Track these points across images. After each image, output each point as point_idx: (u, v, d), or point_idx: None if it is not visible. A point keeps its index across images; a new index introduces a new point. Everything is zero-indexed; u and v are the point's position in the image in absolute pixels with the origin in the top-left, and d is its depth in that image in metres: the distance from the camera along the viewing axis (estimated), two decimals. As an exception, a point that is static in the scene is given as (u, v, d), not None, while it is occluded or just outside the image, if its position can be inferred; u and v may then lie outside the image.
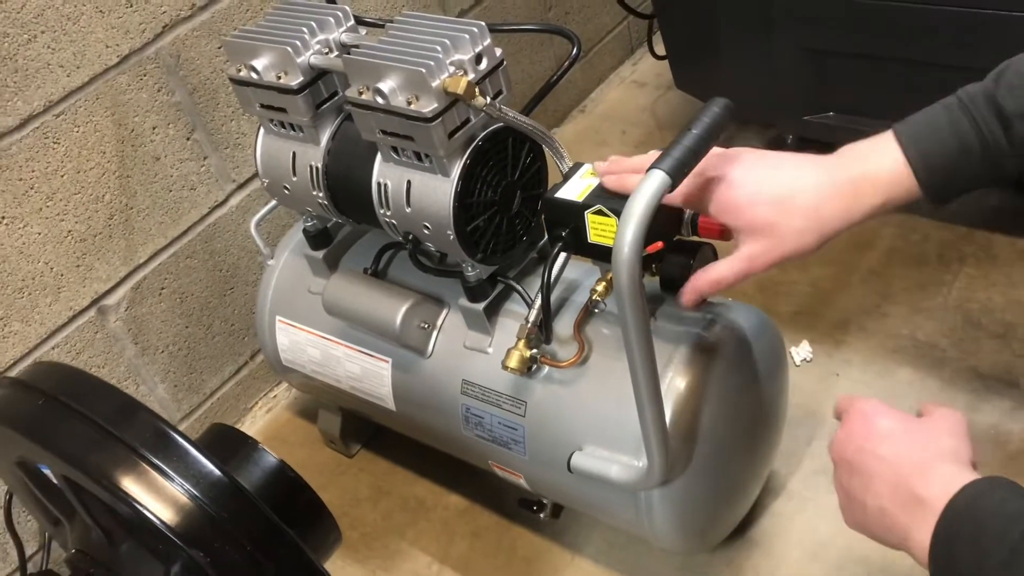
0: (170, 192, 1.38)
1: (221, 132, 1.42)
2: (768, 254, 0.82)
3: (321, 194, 1.13)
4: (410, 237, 1.07)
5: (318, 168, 1.11)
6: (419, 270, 1.11)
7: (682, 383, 0.99)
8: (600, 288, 1.03)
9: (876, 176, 0.80)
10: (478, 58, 0.96)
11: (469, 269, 1.08)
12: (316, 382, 1.32)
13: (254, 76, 1.07)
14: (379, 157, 1.05)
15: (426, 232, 1.05)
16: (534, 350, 1.03)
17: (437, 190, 1.01)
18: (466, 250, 1.04)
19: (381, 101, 0.96)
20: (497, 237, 1.07)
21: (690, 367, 1.00)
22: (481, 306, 1.10)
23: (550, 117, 2.05)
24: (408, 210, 1.04)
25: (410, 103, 0.94)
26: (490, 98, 0.96)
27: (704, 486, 1.05)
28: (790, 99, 1.55)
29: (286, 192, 1.17)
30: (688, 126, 0.82)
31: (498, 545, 1.30)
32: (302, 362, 1.31)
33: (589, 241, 0.95)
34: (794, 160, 0.84)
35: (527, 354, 1.02)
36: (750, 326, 1.07)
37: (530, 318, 1.02)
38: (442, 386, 1.15)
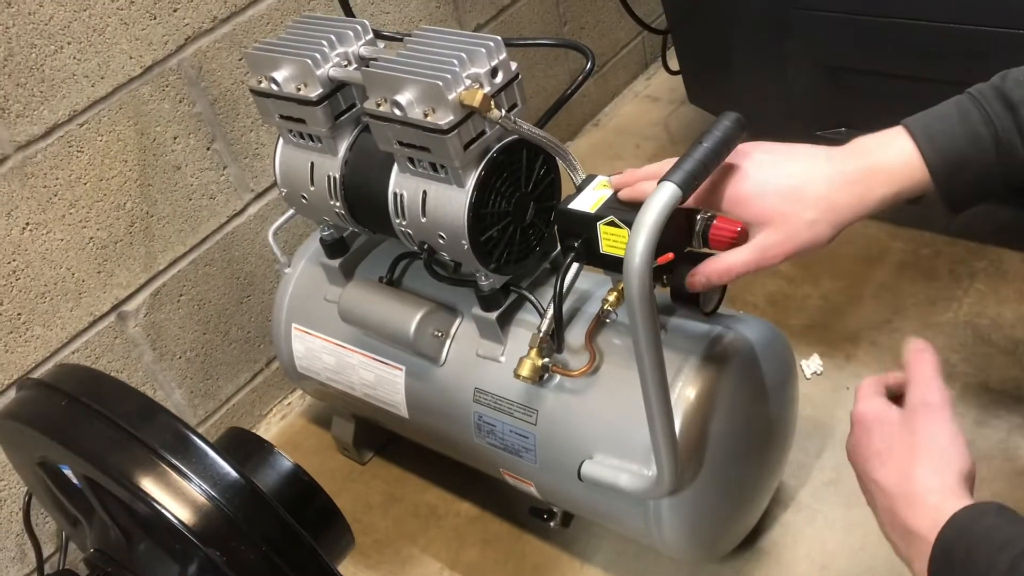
0: (190, 201, 1.40)
1: (241, 143, 1.44)
2: (781, 246, 0.82)
3: (338, 204, 1.14)
4: (425, 246, 1.09)
5: (336, 178, 1.13)
6: (433, 279, 1.12)
7: (692, 393, 1.00)
8: (611, 298, 1.03)
9: (888, 166, 0.80)
10: (494, 72, 0.98)
11: (483, 279, 1.10)
12: (331, 389, 1.33)
13: (274, 88, 1.08)
14: (395, 168, 1.07)
15: (441, 242, 1.06)
16: (546, 359, 1.04)
17: (452, 200, 1.02)
18: (480, 260, 1.05)
19: (398, 113, 0.97)
20: (510, 247, 1.09)
21: (700, 378, 1.01)
22: (494, 315, 1.11)
23: (564, 130, 2.06)
24: (423, 220, 1.06)
25: (427, 115, 0.96)
26: (505, 111, 0.98)
27: (713, 496, 1.06)
28: (802, 115, 1.56)
29: (304, 201, 1.19)
30: (700, 139, 0.82)
31: (508, 553, 1.31)
32: (317, 369, 1.32)
33: (601, 252, 0.95)
34: (805, 151, 0.84)
35: (539, 363, 1.03)
36: (760, 338, 1.08)
37: (542, 327, 1.03)
38: (454, 394, 1.16)
